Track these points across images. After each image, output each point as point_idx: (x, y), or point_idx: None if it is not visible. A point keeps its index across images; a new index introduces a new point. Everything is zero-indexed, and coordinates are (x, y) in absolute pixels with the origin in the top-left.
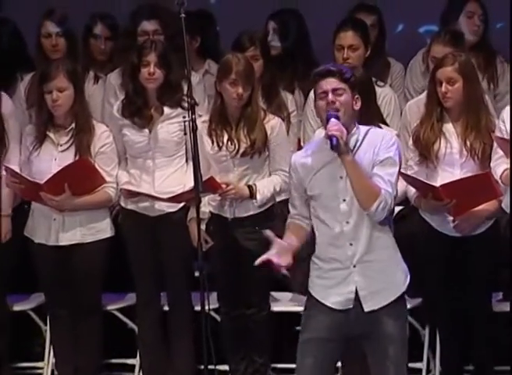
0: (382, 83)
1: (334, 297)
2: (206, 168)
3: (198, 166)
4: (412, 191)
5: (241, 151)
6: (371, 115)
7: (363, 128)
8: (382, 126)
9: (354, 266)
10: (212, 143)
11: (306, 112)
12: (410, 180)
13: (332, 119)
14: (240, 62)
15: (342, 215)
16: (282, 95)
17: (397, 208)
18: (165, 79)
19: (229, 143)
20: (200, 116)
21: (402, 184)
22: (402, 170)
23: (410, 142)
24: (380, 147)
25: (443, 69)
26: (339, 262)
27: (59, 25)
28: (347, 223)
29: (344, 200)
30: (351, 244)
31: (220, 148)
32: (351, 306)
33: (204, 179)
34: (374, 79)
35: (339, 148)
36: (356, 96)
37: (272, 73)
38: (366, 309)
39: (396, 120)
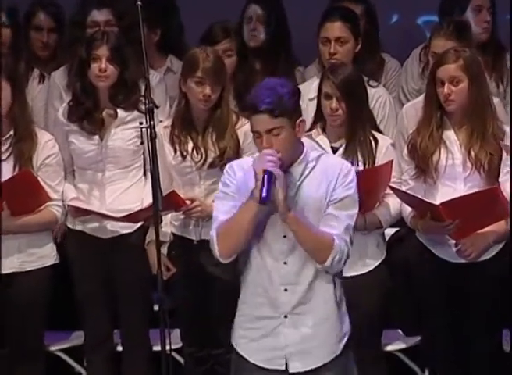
0: (375, 83)
1: (260, 353)
2: (167, 181)
3: (158, 180)
4: (408, 210)
5: (209, 161)
6: (363, 120)
7: (313, 154)
8: (376, 134)
9: (286, 316)
10: (175, 152)
11: None
12: (406, 198)
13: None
14: (209, 57)
15: (280, 253)
16: None
17: (392, 230)
18: (118, 77)
19: (195, 152)
20: (160, 121)
21: (396, 202)
22: (396, 186)
23: (405, 152)
24: (337, 182)
25: (445, 67)
26: (270, 309)
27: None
28: (285, 263)
29: (285, 236)
30: (286, 290)
31: (184, 157)
32: (283, 367)
33: (164, 194)
34: (366, 78)
35: (270, 203)
36: (299, 121)
37: (247, 70)
38: (291, 370)
39: (391, 126)
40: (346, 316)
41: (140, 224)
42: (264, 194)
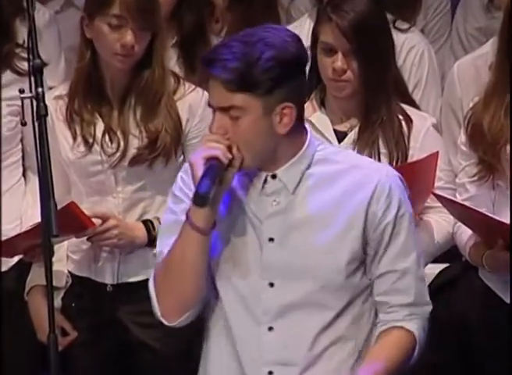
0: (405, 26)
1: None
2: (62, 187)
3: (50, 184)
4: (465, 233)
5: (130, 153)
6: (386, 87)
7: (325, 150)
8: (408, 109)
9: None
10: (74, 139)
11: None
12: (461, 214)
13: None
14: None
15: (263, 312)
16: None
17: (437, 267)
18: None
19: (107, 138)
20: (50, 88)
21: (444, 221)
22: (443, 193)
23: (463, 138)
24: (372, 204)
25: None
26: None
27: None
28: (270, 330)
29: (272, 284)
30: (271, 374)
31: (89, 147)
32: None
33: (59, 208)
34: (391, 17)
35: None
36: (283, 105)
37: (198, 4)
38: None
39: (432, 95)
40: None
41: (16, 259)
42: (202, 187)
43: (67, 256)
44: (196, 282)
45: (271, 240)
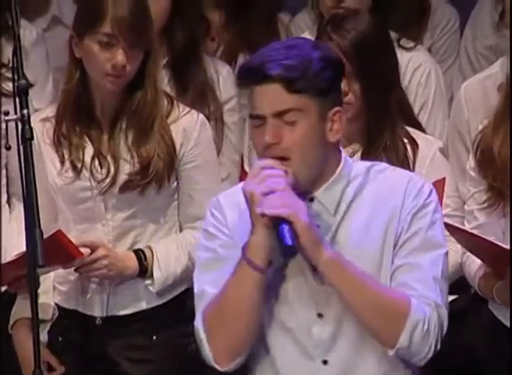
0: (410, 44)
1: None
2: (49, 215)
3: (35, 211)
4: (474, 264)
5: (121, 179)
6: (390, 110)
7: (358, 166)
8: (413, 132)
9: None
10: (61, 163)
11: None
12: (470, 243)
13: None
14: None
15: (315, 345)
16: (211, 67)
17: None
18: None
19: (97, 163)
20: (36, 110)
21: (452, 250)
22: (451, 221)
23: (471, 163)
24: (405, 208)
25: None
26: None
27: None
28: (325, 363)
29: (320, 315)
30: None
31: (78, 173)
32: None
33: (45, 236)
34: (395, 35)
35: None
36: (335, 110)
37: (194, 23)
38: None
39: (439, 117)
40: None
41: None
42: (287, 240)
43: (54, 288)
44: (252, 321)
45: (315, 269)
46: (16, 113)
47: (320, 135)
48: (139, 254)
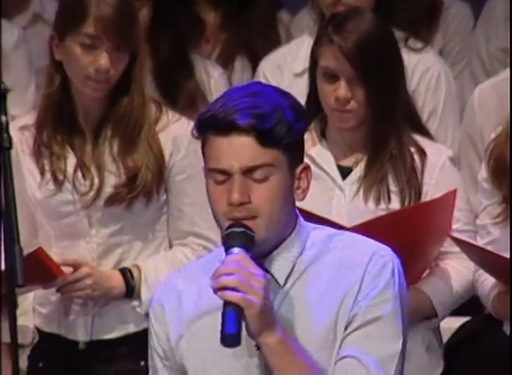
0: (419, 45)
1: None
2: (29, 230)
3: (14, 226)
4: (487, 282)
5: (106, 192)
6: (396, 117)
7: (317, 233)
8: (421, 141)
9: None
10: (42, 175)
11: None
12: (485, 260)
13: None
14: None
15: None
16: (202, 73)
17: (456, 321)
18: None
19: (80, 175)
20: (14, 117)
21: (464, 268)
22: (462, 236)
23: (484, 174)
24: (366, 286)
25: None
26: None
27: None
28: None
29: None
30: None
31: (60, 185)
32: None
33: (25, 253)
34: (402, 34)
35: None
36: (302, 166)
37: (177, 25)
38: None
39: (450, 124)
40: None
41: None
42: (229, 328)
43: (33, 309)
44: None
45: (258, 348)
46: None
47: (289, 193)
48: (125, 273)
